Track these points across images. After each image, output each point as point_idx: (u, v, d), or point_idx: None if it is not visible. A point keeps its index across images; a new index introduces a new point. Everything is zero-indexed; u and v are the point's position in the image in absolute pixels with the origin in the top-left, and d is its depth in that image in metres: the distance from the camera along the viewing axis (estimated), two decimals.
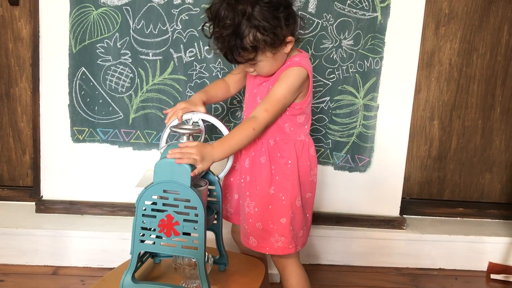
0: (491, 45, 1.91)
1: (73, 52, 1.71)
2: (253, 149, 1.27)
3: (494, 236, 1.89)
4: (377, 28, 1.73)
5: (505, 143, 2.01)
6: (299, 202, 1.27)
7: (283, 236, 1.25)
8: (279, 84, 1.20)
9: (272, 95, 1.20)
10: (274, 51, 1.17)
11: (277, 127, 1.25)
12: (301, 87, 1.22)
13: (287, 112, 1.24)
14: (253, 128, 1.18)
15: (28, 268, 1.70)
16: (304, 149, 1.28)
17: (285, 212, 1.25)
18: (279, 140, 1.26)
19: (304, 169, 1.27)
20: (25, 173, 1.93)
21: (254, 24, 1.12)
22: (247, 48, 1.14)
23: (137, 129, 1.77)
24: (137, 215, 1.07)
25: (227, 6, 1.12)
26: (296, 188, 1.25)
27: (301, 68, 1.21)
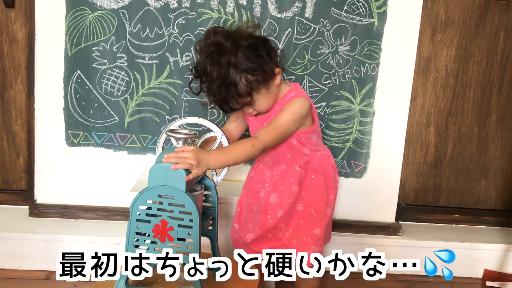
0: (487, 52, 1.91)
1: (68, 55, 1.70)
2: (280, 183, 1.33)
3: (489, 243, 1.89)
4: (374, 34, 1.73)
5: (501, 150, 2.01)
6: (329, 211, 1.36)
7: (318, 245, 1.33)
8: (283, 112, 1.25)
9: (276, 120, 1.24)
10: (266, 87, 1.23)
11: (298, 153, 1.31)
12: (305, 116, 1.27)
13: (303, 139, 1.30)
14: (252, 144, 1.20)
15: (21, 272, 1.69)
16: (326, 161, 1.36)
17: (318, 223, 1.33)
18: (303, 164, 1.33)
19: (330, 179, 1.35)
20: (19, 176, 1.91)
21: (242, 69, 1.17)
22: (242, 94, 1.19)
23: (133, 133, 1.76)
24: (131, 220, 1.06)
25: (211, 61, 1.18)
26: (323, 199, 1.33)
27: (303, 99, 1.27)
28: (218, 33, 1.20)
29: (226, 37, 1.19)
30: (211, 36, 1.20)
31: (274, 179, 1.34)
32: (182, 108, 1.75)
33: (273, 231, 1.34)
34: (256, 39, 1.21)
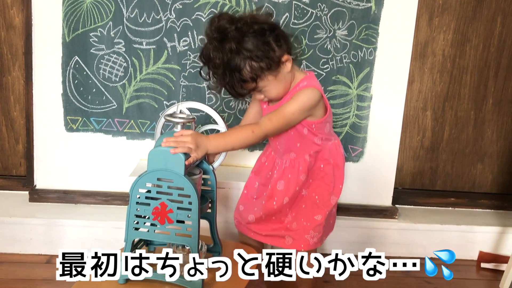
0: (484, 36, 1.92)
1: (66, 40, 1.70)
2: (288, 171, 1.32)
3: (485, 225, 1.91)
4: (371, 19, 1.73)
5: (497, 134, 2.02)
6: (333, 201, 1.34)
7: (317, 231, 1.32)
8: (290, 101, 1.23)
9: (280, 109, 1.23)
10: (274, 74, 1.21)
11: (308, 143, 1.29)
12: (314, 107, 1.25)
13: (315, 129, 1.28)
14: (253, 131, 1.20)
15: (22, 256, 1.71)
16: (338, 150, 1.35)
17: (320, 210, 1.32)
18: (313, 153, 1.31)
19: (339, 170, 1.34)
20: (18, 162, 1.92)
21: (246, 56, 1.16)
22: (247, 80, 1.18)
23: (131, 119, 1.77)
24: (131, 203, 1.07)
25: (214, 48, 1.17)
26: (330, 187, 1.32)
27: (313, 89, 1.24)
28: (223, 19, 1.18)
29: (230, 23, 1.17)
30: (215, 21, 1.19)
31: (283, 166, 1.33)
32: (180, 93, 1.75)
33: (277, 214, 1.34)
34: (262, 25, 1.19)
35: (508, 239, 1.89)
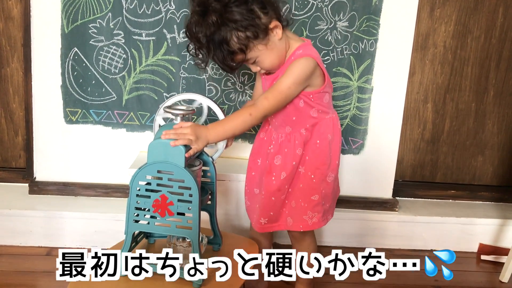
0: (486, 28, 1.90)
1: (65, 32, 1.69)
2: (285, 145, 1.29)
3: (485, 218, 1.91)
4: (372, 10, 1.72)
5: (498, 126, 2.02)
6: (331, 178, 1.31)
7: (316, 211, 1.30)
8: (284, 75, 1.20)
9: (276, 85, 1.20)
10: (263, 42, 1.18)
11: (304, 116, 1.27)
12: (311, 77, 1.22)
13: (312, 99, 1.25)
14: (250, 113, 1.18)
15: (22, 249, 1.71)
16: (335, 125, 1.31)
17: (316, 189, 1.29)
18: (309, 126, 1.28)
19: (336, 145, 1.31)
20: (17, 154, 1.92)
21: (231, 27, 1.14)
22: (235, 51, 1.16)
23: (131, 111, 1.76)
24: (131, 196, 1.07)
25: (197, 22, 1.16)
26: (326, 165, 1.29)
27: (307, 58, 1.20)
28: None
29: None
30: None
31: (279, 141, 1.30)
32: (180, 85, 1.74)
33: (276, 193, 1.31)
34: None
35: (508, 231, 1.89)
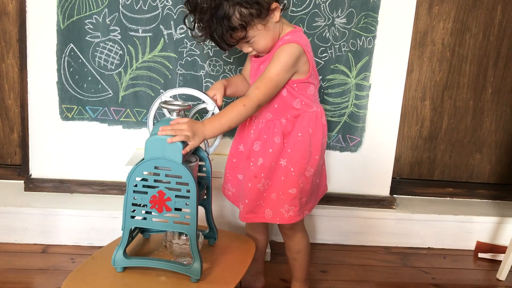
0: (484, 25, 1.90)
1: (61, 28, 1.68)
2: (264, 131, 1.28)
3: (482, 216, 1.91)
4: (370, 7, 1.71)
5: (496, 124, 2.01)
6: (310, 172, 1.29)
7: (293, 205, 1.28)
8: (271, 62, 1.20)
9: (265, 73, 1.20)
10: (263, 22, 1.18)
11: (286, 105, 1.25)
12: (297, 63, 1.21)
13: (296, 88, 1.24)
14: (244, 104, 1.17)
15: (18, 246, 1.69)
16: (318, 120, 1.29)
17: (295, 183, 1.27)
18: (290, 117, 1.26)
19: (317, 140, 1.29)
20: (13, 151, 1.90)
21: (235, 1, 1.13)
22: (236, 27, 1.16)
23: (127, 107, 1.75)
24: (128, 192, 1.06)
25: None
26: (305, 159, 1.27)
27: (293, 44, 1.20)
28: None
29: None
30: None
31: (259, 127, 1.29)
32: (176, 81, 1.73)
33: (253, 180, 1.29)
34: None
35: (506, 229, 1.89)
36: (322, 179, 1.40)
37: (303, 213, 1.33)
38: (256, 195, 1.30)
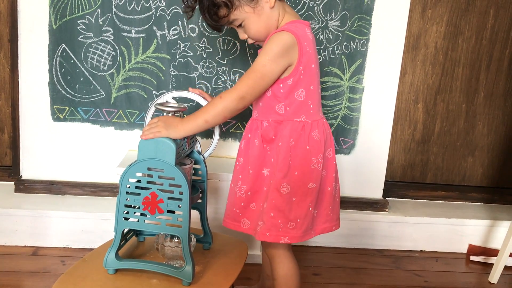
0: (477, 29, 1.91)
1: (53, 28, 1.66)
2: (249, 130, 1.21)
3: (474, 219, 1.92)
4: (364, 9, 1.72)
5: (488, 127, 2.02)
6: (286, 190, 1.14)
7: (262, 220, 1.16)
8: (260, 53, 1.13)
9: (252, 65, 1.13)
10: (251, 5, 1.11)
11: (268, 107, 1.16)
12: (289, 54, 1.11)
13: (281, 90, 1.14)
14: (220, 96, 1.11)
15: (7, 248, 1.67)
16: (304, 132, 1.15)
17: (269, 196, 1.16)
18: (272, 122, 1.16)
19: (299, 155, 1.15)
20: (3, 152, 1.88)
21: None
22: (218, 4, 1.10)
23: (119, 109, 1.74)
24: (121, 193, 1.05)
25: None
26: (282, 173, 1.14)
27: (283, 32, 1.11)
28: None
29: None
30: None
31: (248, 125, 1.23)
32: (169, 83, 1.72)
33: (232, 180, 1.22)
34: None
35: (498, 232, 1.90)
36: (322, 209, 1.22)
37: (278, 237, 1.15)
38: (234, 201, 1.22)
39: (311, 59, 1.14)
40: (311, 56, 1.14)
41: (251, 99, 1.13)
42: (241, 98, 1.10)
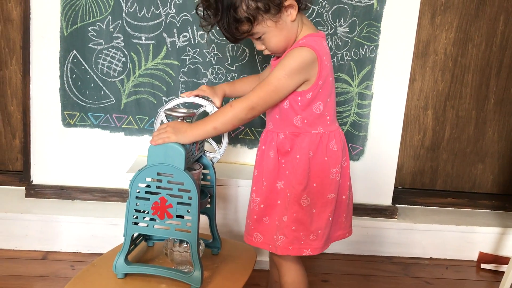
0: (487, 35, 1.91)
1: (64, 34, 1.68)
2: (263, 142, 1.21)
3: (485, 226, 1.90)
4: (373, 16, 1.72)
5: (498, 134, 2.01)
6: (306, 202, 1.15)
7: (283, 235, 1.16)
8: (277, 66, 1.12)
9: (267, 77, 1.13)
10: (274, 19, 1.09)
11: (285, 119, 1.16)
12: (307, 70, 1.11)
13: (299, 103, 1.13)
14: (231, 105, 1.11)
15: (17, 252, 1.68)
16: (321, 143, 1.15)
17: (288, 210, 1.15)
18: (289, 134, 1.16)
19: (318, 166, 1.15)
20: (15, 157, 1.90)
21: None
22: (241, 20, 1.08)
23: (129, 114, 1.75)
24: (130, 198, 1.06)
25: None
26: (301, 185, 1.14)
27: (303, 48, 1.10)
28: None
29: None
30: None
31: (262, 137, 1.22)
32: (179, 89, 1.73)
33: (251, 194, 1.22)
34: None
35: (509, 240, 1.88)
36: (337, 217, 1.23)
37: (300, 250, 1.16)
38: (249, 213, 1.21)
39: (329, 72, 1.15)
40: (329, 69, 1.15)
41: (261, 110, 1.13)
42: (252, 108, 1.10)
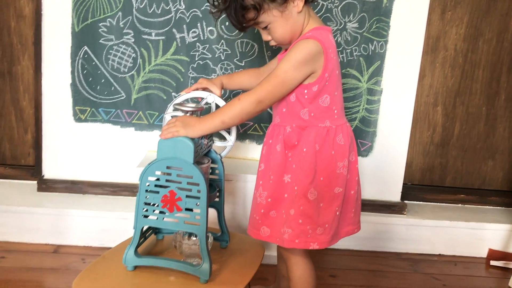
0: (498, 31, 1.89)
1: (75, 30, 1.70)
2: (270, 136, 1.21)
3: (494, 223, 1.89)
4: (383, 11, 1.72)
5: (509, 131, 2.00)
6: (313, 196, 1.15)
7: (290, 228, 1.16)
8: (283, 58, 1.13)
9: (274, 70, 1.13)
10: (280, 9, 1.10)
11: (292, 112, 1.16)
12: (313, 62, 1.11)
13: (306, 96, 1.13)
14: (239, 98, 1.11)
15: (29, 246, 1.71)
16: (328, 137, 1.15)
17: (295, 203, 1.15)
18: (295, 127, 1.16)
19: (325, 160, 1.15)
20: (27, 152, 1.92)
21: None
22: (247, 7, 1.09)
23: (139, 110, 1.77)
24: (140, 191, 1.07)
25: None
26: (308, 178, 1.14)
27: (309, 40, 1.10)
28: None
29: None
30: None
31: (269, 130, 1.22)
32: (188, 85, 1.74)
33: (255, 185, 1.22)
34: None
35: None
36: (346, 213, 1.23)
37: (307, 243, 1.16)
38: (255, 207, 1.21)
39: (335, 66, 1.15)
40: (335, 62, 1.15)
41: (269, 104, 1.13)
42: (259, 101, 1.11)
